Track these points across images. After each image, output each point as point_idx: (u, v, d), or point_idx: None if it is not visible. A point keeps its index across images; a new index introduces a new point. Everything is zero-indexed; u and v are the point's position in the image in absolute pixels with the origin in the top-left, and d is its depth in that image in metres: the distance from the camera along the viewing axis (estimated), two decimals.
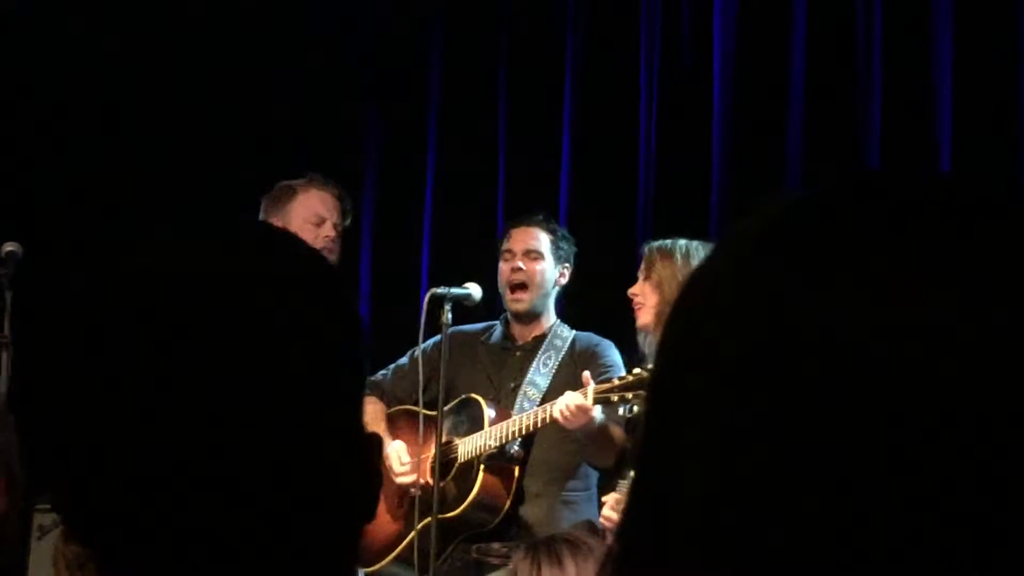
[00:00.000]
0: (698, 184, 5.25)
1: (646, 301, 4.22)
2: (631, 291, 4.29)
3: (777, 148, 5.13)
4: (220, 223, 0.99)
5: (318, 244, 4.42)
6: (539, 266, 4.61)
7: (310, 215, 4.62)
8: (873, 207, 0.65)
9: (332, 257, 4.49)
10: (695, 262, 4.08)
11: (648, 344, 4.32)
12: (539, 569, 2.82)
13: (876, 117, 5.00)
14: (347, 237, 4.84)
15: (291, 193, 4.66)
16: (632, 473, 0.73)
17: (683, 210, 5.18)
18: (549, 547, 2.87)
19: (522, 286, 4.62)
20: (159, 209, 5.33)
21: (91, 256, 0.96)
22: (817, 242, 0.64)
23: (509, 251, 4.64)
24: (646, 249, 4.30)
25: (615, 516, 3.97)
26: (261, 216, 4.58)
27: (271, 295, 0.93)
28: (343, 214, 4.72)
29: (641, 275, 4.27)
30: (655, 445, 0.68)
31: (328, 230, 4.64)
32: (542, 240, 4.62)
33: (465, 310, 4.63)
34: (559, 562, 2.82)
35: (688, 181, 5.31)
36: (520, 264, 4.60)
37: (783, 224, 0.66)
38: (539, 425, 4.32)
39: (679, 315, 0.68)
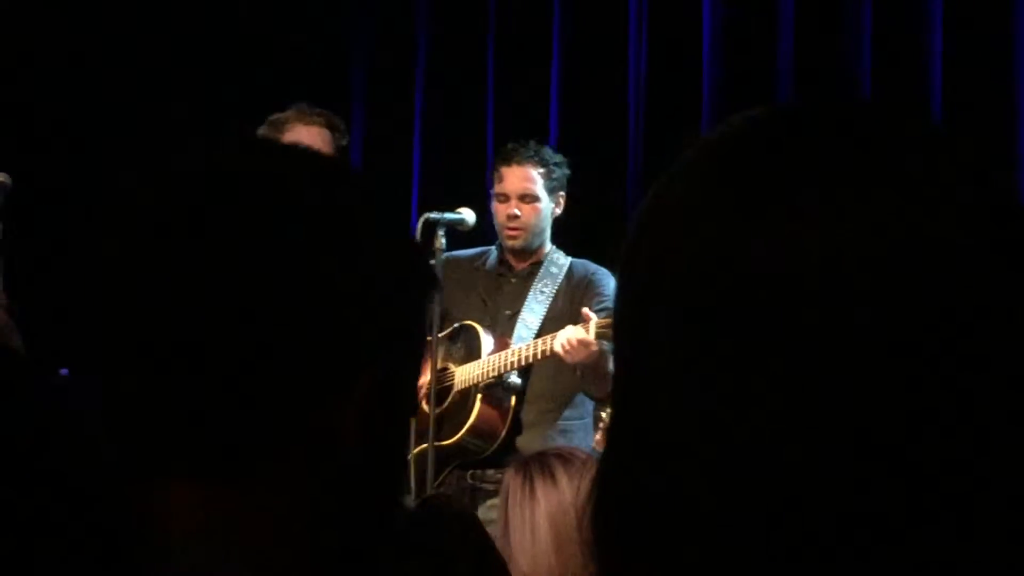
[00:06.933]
0: (688, 112, 5.22)
1: None
2: None
3: (766, 78, 5.09)
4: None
5: None
6: (535, 208, 4.53)
7: None
8: (799, 140, 0.69)
9: None
10: None
11: None
12: (532, 484, 2.77)
13: (867, 51, 4.98)
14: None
15: (276, 132, 4.37)
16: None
17: (673, 139, 5.15)
18: (541, 462, 2.82)
19: (519, 228, 4.55)
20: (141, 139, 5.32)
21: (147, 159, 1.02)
22: (752, 175, 0.67)
23: (503, 195, 4.54)
24: None
25: None
26: None
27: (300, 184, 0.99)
28: (337, 142, 4.49)
29: None
30: (626, 382, 0.70)
31: None
32: (536, 180, 4.51)
33: (458, 235, 4.58)
34: (552, 476, 2.77)
35: (678, 110, 5.28)
36: (516, 211, 4.51)
37: (722, 159, 0.70)
38: (539, 357, 4.30)
39: (635, 253, 0.71)
